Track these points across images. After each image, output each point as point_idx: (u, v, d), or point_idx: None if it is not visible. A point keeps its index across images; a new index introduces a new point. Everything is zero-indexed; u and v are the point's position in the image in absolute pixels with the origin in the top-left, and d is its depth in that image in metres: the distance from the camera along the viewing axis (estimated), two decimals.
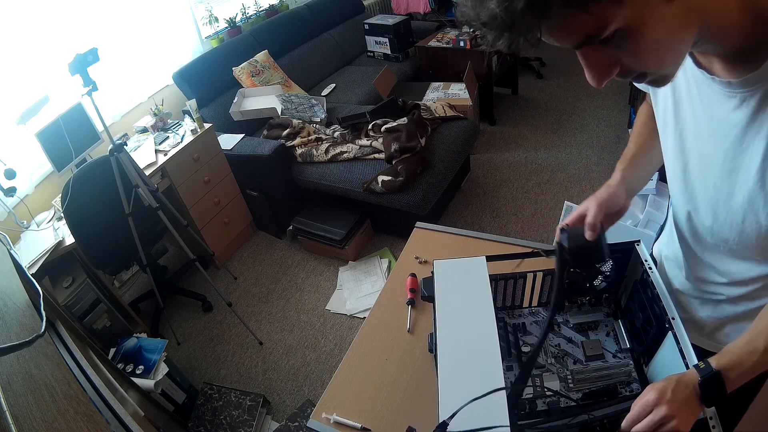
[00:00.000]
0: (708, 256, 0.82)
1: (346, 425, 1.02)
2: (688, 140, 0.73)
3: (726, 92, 0.61)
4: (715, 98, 0.63)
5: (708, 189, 0.72)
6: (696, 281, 0.88)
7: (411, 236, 1.48)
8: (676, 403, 0.66)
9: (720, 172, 0.68)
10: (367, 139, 2.72)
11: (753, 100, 0.58)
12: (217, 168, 2.77)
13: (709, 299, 0.87)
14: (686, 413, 0.66)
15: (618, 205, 0.88)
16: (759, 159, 0.60)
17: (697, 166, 0.73)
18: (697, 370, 0.68)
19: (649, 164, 0.95)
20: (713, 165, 0.69)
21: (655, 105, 0.82)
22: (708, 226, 0.76)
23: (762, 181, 0.61)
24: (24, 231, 2.26)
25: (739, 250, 0.73)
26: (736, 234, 0.70)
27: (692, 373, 0.68)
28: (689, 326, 0.83)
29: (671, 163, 0.80)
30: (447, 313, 0.92)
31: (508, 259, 1.01)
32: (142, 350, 1.91)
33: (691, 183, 0.76)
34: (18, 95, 2.27)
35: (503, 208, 2.91)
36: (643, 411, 0.68)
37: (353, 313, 2.46)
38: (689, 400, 0.66)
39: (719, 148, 0.66)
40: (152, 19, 2.92)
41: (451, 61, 3.61)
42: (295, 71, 3.54)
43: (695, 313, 0.91)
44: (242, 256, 3.00)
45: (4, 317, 0.92)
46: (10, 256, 1.40)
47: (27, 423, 0.68)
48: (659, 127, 0.82)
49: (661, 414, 0.66)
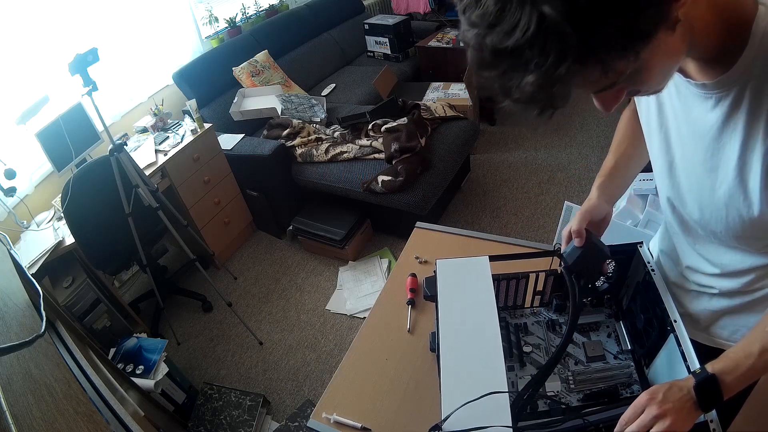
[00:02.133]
0: (700, 248, 0.84)
1: (346, 425, 1.02)
2: (672, 139, 0.76)
3: (702, 93, 0.64)
4: (692, 99, 0.66)
5: (692, 185, 0.75)
6: (691, 274, 0.89)
7: (411, 236, 1.48)
8: (667, 404, 0.67)
9: (702, 170, 0.70)
10: (367, 139, 2.72)
11: (727, 100, 0.61)
12: (217, 168, 2.77)
13: (704, 292, 0.88)
14: (681, 416, 0.67)
15: (601, 214, 0.94)
16: (735, 156, 0.63)
17: (681, 164, 0.76)
18: (693, 375, 0.69)
19: (628, 174, 1.00)
20: (695, 163, 0.71)
21: (639, 107, 0.85)
22: (696, 219, 0.78)
23: (739, 177, 0.64)
24: (24, 231, 2.26)
25: (729, 240, 0.75)
26: (722, 226, 0.72)
27: (688, 378, 0.70)
28: (685, 320, 0.85)
29: (657, 161, 0.83)
30: (450, 313, 0.92)
31: (512, 259, 1.01)
32: (142, 350, 1.91)
33: (677, 179, 0.79)
34: (18, 95, 2.26)
35: (503, 208, 2.91)
36: (634, 412, 0.69)
37: (353, 313, 2.46)
38: (684, 403, 0.67)
39: (699, 147, 0.69)
40: (152, 19, 2.91)
41: (451, 61, 3.61)
42: (295, 71, 3.53)
43: (690, 307, 0.92)
44: (242, 256, 3.00)
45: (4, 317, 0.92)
46: (10, 256, 1.40)
47: (27, 423, 0.68)
48: (644, 128, 0.85)
49: (652, 414, 0.67)
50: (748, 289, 0.80)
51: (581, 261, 0.88)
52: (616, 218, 2.01)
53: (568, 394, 0.94)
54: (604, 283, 1.04)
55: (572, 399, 0.93)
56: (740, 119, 0.60)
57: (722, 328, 0.89)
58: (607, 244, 0.93)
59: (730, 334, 0.88)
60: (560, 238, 0.95)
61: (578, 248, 0.88)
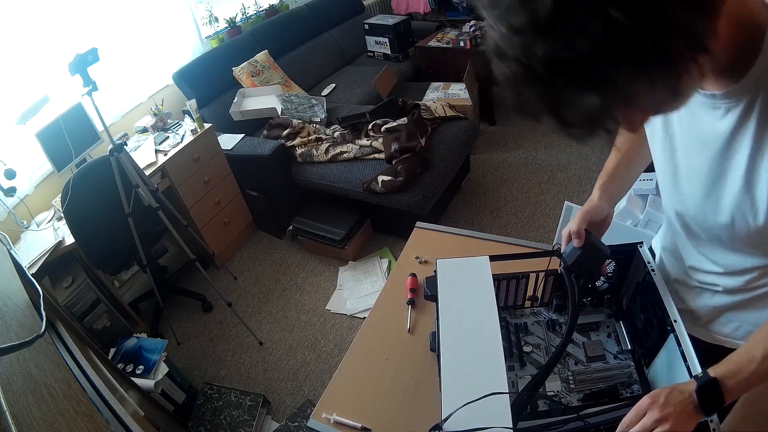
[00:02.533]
0: (703, 249, 0.84)
1: (346, 425, 1.02)
2: (677, 146, 0.76)
3: (711, 103, 0.63)
4: (700, 109, 0.66)
5: (697, 192, 0.74)
6: (694, 272, 0.89)
7: (411, 236, 1.48)
8: (668, 407, 0.67)
9: (707, 178, 0.70)
10: (367, 139, 2.72)
11: (737, 110, 0.60)
12: (217, 168, 2.77)
13: (707, 289, 0.88)
14: (682, 419, 0.67)
15: (601, 215, 0.94)
16: (744, 165, 0.63)
17: (685, 171, 0.76)
18: (695, 379, 0.69)
19: (630, 175, 1.00)
20: (701, 171, 0.71)
21: None
22: (700, 224, 0.78)
23: (747, 186, 0.64)
24: (24, 231, 2.26)
25: (732, 244, 0.75)
26: (727, 232, 0.72)
27: (690, 381, 0.70)
28: (686, 316, 0.85)
29: (661, 168, 0.83)
30: (450, 312, 0.92)
31: (512, 259, 1.01)
32: (142, 350, 1.91)
33: (681, 185, 0.78)
34: (18, 95, 2.26)
35: (503, 208, 2.91)
36: (636, 415, 0.70)
37: (353, 313, 2.46)
38: (685, 407, 0.67)
39: (706, 156, 0.69)
40: (152, 19, 2.91)
41: (451, 61, 3.61)
42: (295, 71, 3.53)
43: (692, 303, 0.92)
44: (242, 256, 3.00)
45: (4, 317, 0.92)
46: (10, 256, 1.40)
47: (27, 423, 0.68)
48: (648, 133, 0.85)
49: (654, 417, 0.67)
50: (750, 287, 0.80)
51: (580, 261, 0.89)
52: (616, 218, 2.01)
53: (568, 394, 0.94)
54: (604, 283, 1.04)
55: (572, 399, 0.93)
56: (750, 128, 0.60)
57: (723, 325, 0.89)
58: (607, 244, 0.93)
59: (732, 330, 0.88)
60: (560, 238, 0.95)
61: (578, 248, 0.89)
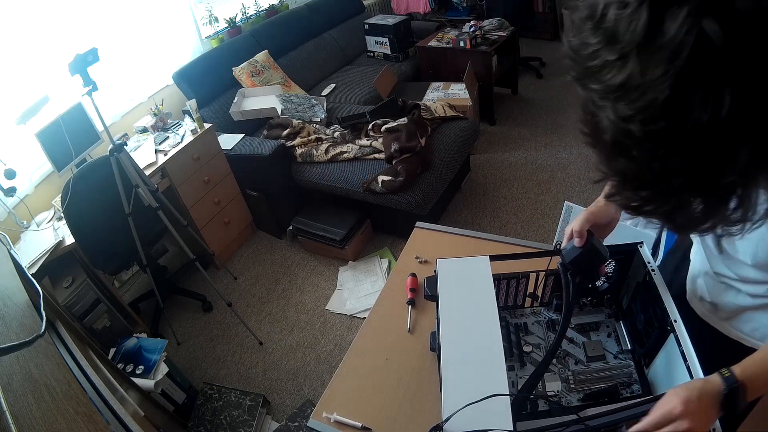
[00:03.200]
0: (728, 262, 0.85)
1: (346, 425, 1.02)
2: None
3: None
4: None
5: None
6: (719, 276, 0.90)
7: (411, 236, 1.48)
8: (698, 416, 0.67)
9: None
10: (367, 139, 2.72)
11: None
12: (217, 168, 2.77)
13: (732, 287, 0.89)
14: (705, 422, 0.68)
15: (608, 217, 0.94)
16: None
17: None
18: (722, 378, 0.68)
19: None
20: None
21: None
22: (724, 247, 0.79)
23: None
24: (24, 231, 2.26)
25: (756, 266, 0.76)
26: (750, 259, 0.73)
27: (716, 381, 0.69)
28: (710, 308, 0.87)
29: None
30: (450, 312, 0.92)
31: (512, 259, 1.01)
32: (142, 350, 1.91)
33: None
34: (18, 95, 2.26)
35: (503, 208, 2.91)
36: (664, 420, 0.69)
37: (353, 313, 2.46)
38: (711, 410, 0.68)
39: None
40: (152, 19, 2.91)
41: (451, 61, 3.61)
42: (295, 71, 3.53)
43: (717, 297, 0.93)
44: (242, 256, 3.00)
45: (4, 317, 0.92)
46: (10, 256, 1.40)
47: (27, 423, 0.68)
48: None
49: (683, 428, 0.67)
50: None
51: (578, 261, 0.90)
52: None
53: (568, 394, 0.94)
54: (604, 283, 1.04)
55: (572, 399, 0.93)
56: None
57: (744, 323, 0.89)
58: (607, 244, 0.93)
59: (752, 330, 0.88)
60: (561, 237, 0.95)
61: (578, 248, 0.90)
